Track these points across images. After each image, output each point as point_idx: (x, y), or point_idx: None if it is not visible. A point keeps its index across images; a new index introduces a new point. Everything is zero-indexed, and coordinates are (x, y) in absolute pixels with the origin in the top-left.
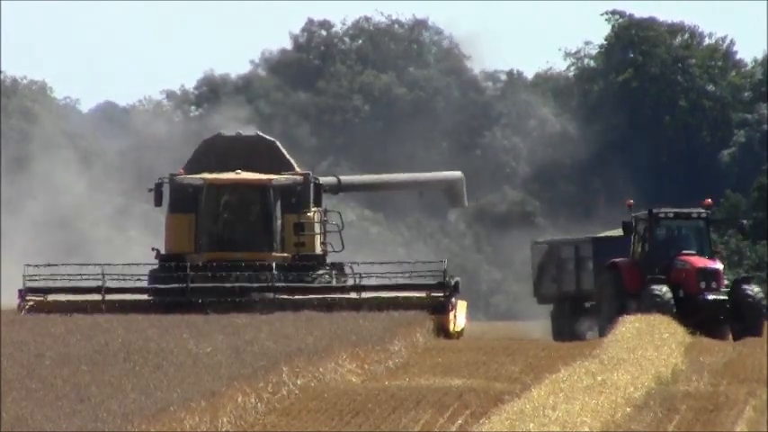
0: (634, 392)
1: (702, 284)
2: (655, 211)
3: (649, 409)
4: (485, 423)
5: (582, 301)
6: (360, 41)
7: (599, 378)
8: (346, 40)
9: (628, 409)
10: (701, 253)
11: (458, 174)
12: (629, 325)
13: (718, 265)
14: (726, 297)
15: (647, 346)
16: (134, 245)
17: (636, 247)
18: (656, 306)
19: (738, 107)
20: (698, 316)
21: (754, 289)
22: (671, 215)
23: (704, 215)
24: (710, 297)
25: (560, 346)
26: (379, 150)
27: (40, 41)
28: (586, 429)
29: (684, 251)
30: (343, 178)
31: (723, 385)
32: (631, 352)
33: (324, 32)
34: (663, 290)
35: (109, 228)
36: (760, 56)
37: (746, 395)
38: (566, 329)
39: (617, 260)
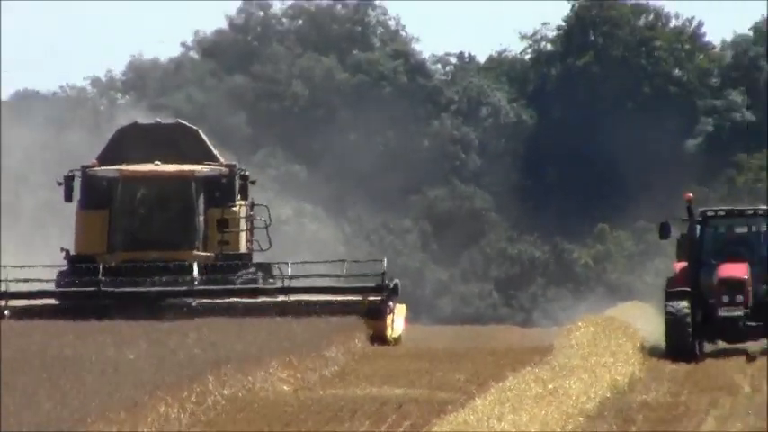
0: (587, 402)
1: (725, 298)
2: (704, 210)
3: (603, 420)
4: None
5: None
6: (299, 22)
7: (549, 386)
8: (285, 21)
9: (580, 419)
10: (753, 258)
11: None
12: (584, 329)
13: (745, 275)
14: (741, 313)
15: (603, 352)
16: (55, 245)
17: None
18: (669, 322)
19: (706, 93)
20: (716, 335)
21: None
22: (721, 213)
23: (762, 213)
24: (725, 313)
25: (508, 352)
26: (318, 140)
27: None
28: None
29: (732, 255)
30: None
31: (684, 394)
32: (585, 358)
33: (261, 13)
34: (679, 306)
35: (27, 226)
36: (729, 38)
37: (708, 405)
38: None
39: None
